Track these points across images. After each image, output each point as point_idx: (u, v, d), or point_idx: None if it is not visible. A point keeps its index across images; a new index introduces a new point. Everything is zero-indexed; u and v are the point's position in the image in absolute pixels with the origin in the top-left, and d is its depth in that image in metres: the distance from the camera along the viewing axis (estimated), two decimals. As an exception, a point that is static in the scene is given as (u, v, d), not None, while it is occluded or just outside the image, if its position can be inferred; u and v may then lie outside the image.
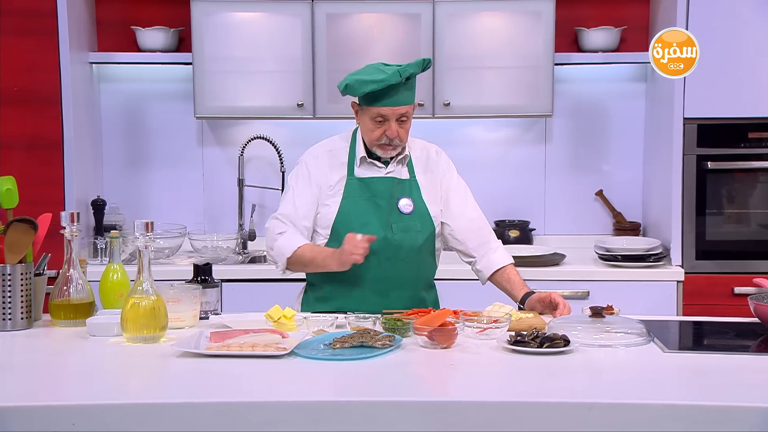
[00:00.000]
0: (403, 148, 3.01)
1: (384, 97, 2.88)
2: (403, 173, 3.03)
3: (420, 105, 4.16)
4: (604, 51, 4.33)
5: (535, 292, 2.91)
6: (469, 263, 3.09)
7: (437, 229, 3.04)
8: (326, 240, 2.99)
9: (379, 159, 3.00)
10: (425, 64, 2.94)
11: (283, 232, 2.96)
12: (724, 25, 3.91)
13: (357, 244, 2.79)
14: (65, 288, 2.70)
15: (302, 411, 1.99)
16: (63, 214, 2.67)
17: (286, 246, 2.93)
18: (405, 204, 2.99)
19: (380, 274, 2.95)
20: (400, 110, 2.90)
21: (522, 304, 2.92)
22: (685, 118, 3.97)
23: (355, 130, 3.06)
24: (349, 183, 2.99)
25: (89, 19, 4.35)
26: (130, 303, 2.47)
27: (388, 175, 3.00)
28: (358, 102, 2.98)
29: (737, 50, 3.91)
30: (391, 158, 3.00)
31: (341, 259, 2.82)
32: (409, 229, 2.98)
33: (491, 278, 3.04)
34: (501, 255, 3.06)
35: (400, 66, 2.90)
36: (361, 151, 3.00)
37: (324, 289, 3.03)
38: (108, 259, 2.82)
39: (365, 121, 2.95)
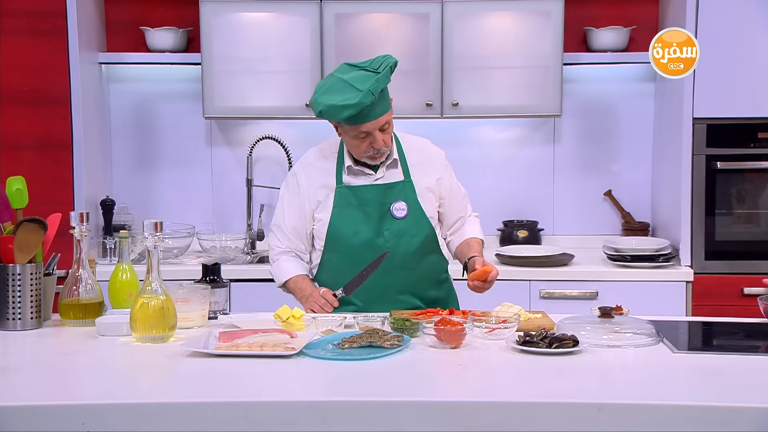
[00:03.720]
0: (390, 152, 2.99)
1: (362, 117, 2.83)
2: (395, 175, 3.00)
3: (429, 105, 4.16)
4: (613, 51, 4.32)
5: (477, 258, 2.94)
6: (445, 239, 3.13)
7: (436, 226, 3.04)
8: (322, 251, 3.01)
9: (367, 165, 2.98)
10: (393, 69, 2.89)
11: (277, 257, 3.08)
12: (733, 25, 3.90)
13: (318, 300, 2.88)
14: (75, 288, 2.70)
15: (311, 411, 1.99)
16: (72, 214, 2.67)
17: (277, 275, 3.09)
18: (398, 208, 2.97)
19: (379, 282, 2.93)
20: (380, 122, 2.87)
21: (466, 266, 2.98)
22: (694, 118, 3.96)
23: None
24: (338, 192, 2.97)
25: (98, 20, 4.36)
26: (139, 303, 2.48)
27: (377, 182, 2.97)
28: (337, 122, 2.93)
29: (746, 50, 3.90)
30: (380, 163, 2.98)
31: (312, 306, 2.91)
32: (403, 233, 2.96)
33: (458, 248, 3.08)
34: (472, 227, 3.10)
35: (372, 80, 2.81)
36: (347, 161, 2.98)
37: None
38: (117, 258, 2.82)
39: (348, 139, 2.92)
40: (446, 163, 3.10)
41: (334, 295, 2.91)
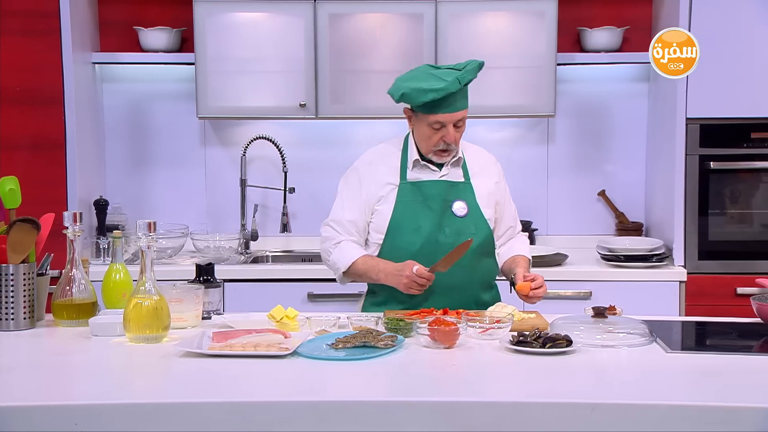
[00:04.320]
0: (457, 152, 3.02)
1: (443, 105, 2.87)
2: (457, 176, 3.02)
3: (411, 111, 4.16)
4: (606, 51, 4.33)
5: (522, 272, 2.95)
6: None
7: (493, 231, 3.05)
8: (380, 245, 2.99)
9: (432, 162, 3.00)
10: (481, 68, 2.96)
11: (338, 243, 3.01)
12: (727, 25, 3.91)
13: (416, 278, 2.81)
14: (68, 288, 2.70)
15: (305, 411, 1.99)
16: (65, 214, 2.67)
17: (340, 260, 2.99)
18: (459, 207, 2.99)
19: (435, 278, 2.91)
20: (458, 116, 2.91)
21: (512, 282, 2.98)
22: (687, 119, 3.96)
23: (407, 135, 3.06)
24: (401, 187, 2.99)
25: (92, 20, 4.35)
26: (133, 303, 2.48)
27: (442, 178, 3.00)
28: (411, 109, 2.96)
29: (739, 50, 3.91)
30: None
31: (399, 283, 2.85)
32: (462, 232, 2.97)
33: (505, 263, 3.09)
34: (520, 245, 3.12)
35: (458, 72, 2.89)
36: (414, 155, 3.00)
37: (381, 295, 3.02)
38: (110, 259, 2.82)
39: (421, 128, 2.95)
40: (502, 172, 3.14)
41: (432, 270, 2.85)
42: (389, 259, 2.95)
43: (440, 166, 3.01)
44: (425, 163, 3.01)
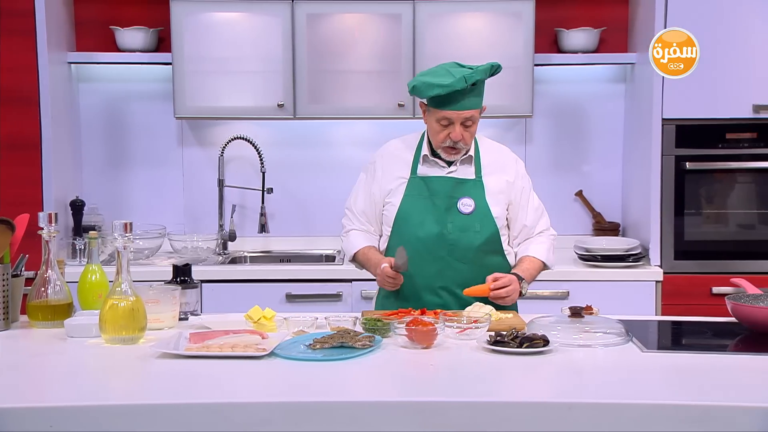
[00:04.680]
0: (468, 150, 3.03)
1: (450, 102, 2.91)
2: (467, 173, 3.04)
3: (401, 105, 4.17)
4: (583, 52, 4.35)
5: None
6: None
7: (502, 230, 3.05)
8: (389, 236, 3.07)
9: (442, 158, 3.04)
10: (494, 70, 2.98)
11: (348, 231, 3.16)
12: (702, 27, 3.92)
13: (383, 275, 2.92)
14: (43, 289, 2.68)
15: (282, 412, 1.99)
16: (41, 214, 2.65)
17: (346, 249, 3.17)
18: (465, 203, 3.01)
19: (438, 273, 2.97)
20: (465, 114, 2.93)
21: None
22: (663, 119, 3.99)
23: (425, 131, 3.09)
24: (411, 181, 3.04)
25: (68, 19, 4.32)
26: (109, 304, 2.46)
27: (449, 175, 3.03)
28: (426, 103, 3.00)
29: (715, 51, 3.94)
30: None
31: (378, 283, 3.03)
32: (467, 228, 2.99)
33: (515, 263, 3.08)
34: (536, 246, 3.09)
35: (469, 71, 2.92)
36: (425, 150, 3.05)
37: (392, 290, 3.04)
38: (87, 260, 2.80)
39: (431, 123, 2.99)
40: (523, 173, 3.13)
41: (395, 269, 2.92)
42: (402, 246, 2.98)
43: (450, 162, 3.04)
44: (435, 159, 3.04)
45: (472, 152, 3.05)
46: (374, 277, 3.05)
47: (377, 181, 3.09)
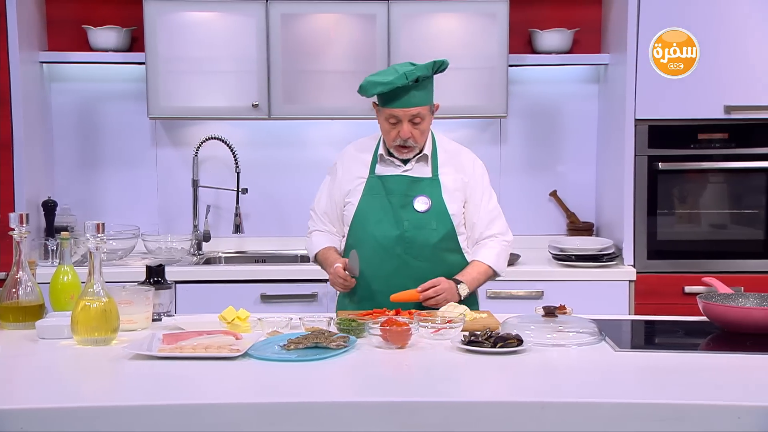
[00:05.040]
0: (422, 148, 3.04)
1: (395, 99, 2.93)
2: (424, 171, 3.06)
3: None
4: (557, 53, 4.37)
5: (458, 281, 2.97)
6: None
7: (459, 227, 3.06)
8: (347, 235, 3.10)
9: (397, 156, 3.06)
10: (437, 66, 2.98)
11: (312, 232, 3.22)
12: (674, 28, 3.96)
13: (335, 277, 2.96)
14: (14, 290, 2.66)
15: (256, 412, 1.98)
16: (12, 215, 2.62)
17: (309, 250, 3.22)
18: (421, 201, 3.02)
19: (396, 271, 2.99)
20: (412, 111, 2.94)
21: None
22: (636, 120, 4.01)
23: None
24: (369, 181, 3.06)
25: (39, 18, 4.28)
26: (81, 305, 2.44)
27: (405, 173, 3.05)
28: (376, 102, 3.02)
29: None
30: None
31: (330, 284, 3.06)
32: (423, 226, 3.01)
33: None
34: (485, 251, 3.08)
35: (411, 68, 2.93)
36: (381, 149, 3.07)
37: (352, 288, 3.04)
38: (59, 260, 2.78)
39: (381, 122, 3.02)
40: (480, 173, 3.14)
41: (347, 271, 2.95)
42: (355, 248, 3.03)
43: (407, 161, 3.04)
44: (391, 158, 3.06)
45: (429, 151, 3.07)
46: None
47: (338, 181, 3.12)
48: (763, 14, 3.94)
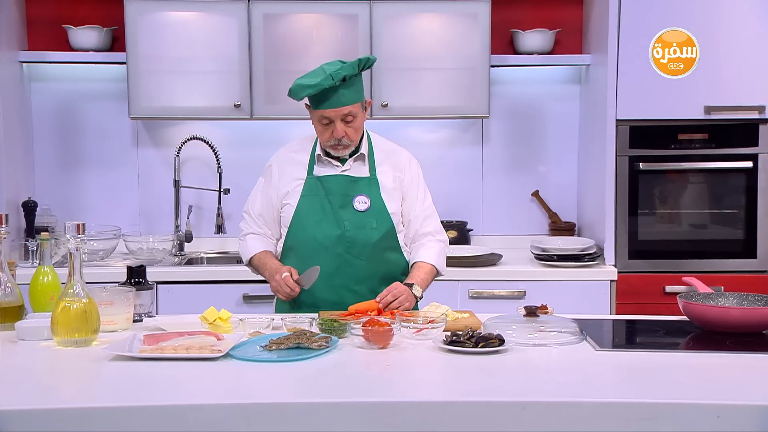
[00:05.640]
0: (358, 147, 3.03)
1: (324, 100, 2.92)
2: (362, 171, 3.06)
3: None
4: (539, 53, 4.39)
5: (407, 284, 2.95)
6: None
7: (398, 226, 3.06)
8: (285, 237, 3.07)
9: (335, 157, 3.05)
10: (363, 64, 2.97)
11: (245, 235, 3.16)
12: (655, 30, 3.98)
13: (281, 282, 2.91)
14: (-6, 291, 2.64)
15: (237, 413, 1.97)
16: (-9, 215, 2.61)
17: (243, 253, 3.16)
18: (360, 201, 3.03)
19: (336, 271, 2.98)
20: (343, 111, 2.93)
21: None
22: (617, 120, 4.03)
23: None
24: (307, 182, 3.05)
25: (19, 18, 4.26)
26: (61, 306, 2.43)
27: (343, 173, 3.04)
28: (309, 104, 3.01)
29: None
30: (349, 156, 3.04)
31: (271, 285, 3.00)
32: (364, 225, 3.00)
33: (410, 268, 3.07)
34: (425, 251, 3.07)
35: (337, 68, 2.91)
36: (318, 150, 3.06)
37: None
38: (39, 261, 2.76)
39: (315, 123, 3.02)
40: (416, 170, 3.13)
41: (297, 282, 2.92)
42: (293, 252, 3.04)
43: (344, 161, 3.05)
44: (328, 158, 3.05)
45: (365, 150, 3.07)
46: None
47: (273, 184, 3.10)
48: (744, 17, 3.96)
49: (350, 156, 3.05)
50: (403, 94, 4.21)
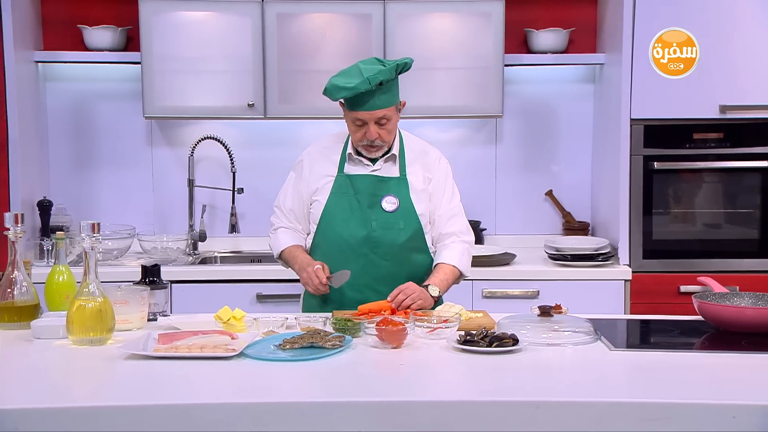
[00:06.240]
0: (390, 147, 3.04)
1: (359, 103, 2.92)
2: (392, 171, 3.06)
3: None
4: (553, 52, 4.37)
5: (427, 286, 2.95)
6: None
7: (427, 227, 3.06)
8: (314, 233, 3.09)
9: (366, 156, 3.05)
10: (400, 68, 2.97)
11: (276, 229, 3.19)
12: (670, 27, 3.96)
13: (312, 274, 2.91)
14: (9, 290, 2.65)
15: (251, 413, 1.98)
16: (7, 215, 2.62)
17: (273, 247, 3.19)
18: (389, 201, 3.03)
19: (362, 271, 2.98)
20: (377, 114, 2.94)
21: None
22: (631, 119, 4.02)
23: None
24: (337, 180, 3.06)
25: (35, 18, 4.28)
26: (76, 305, 2.44)
27: (373, 173, 3.04)
28: (341, 103, 3.01)
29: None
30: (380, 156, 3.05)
31: (301, 277, 3.01)
32: (391, 226, 3.01)
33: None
34: (448, 252, 3.06)
35: (376, 71, 2.90)
36: (349, 148, 3.07)
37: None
38: (54, 260, 2.78)
39: (348, 123, 3.02)
40: (443, 169, 3.13)
41: (328, 278, 2.94)
42: (320, 249, 3.05)
43: (374, 160, 3.04)
44: (359, 157, 3.06)
45: (396, 151, 3.07)
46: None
47: (304, 179, 3.12)
48: (759, 15, 3.94)
49: (381, 156, 3.05)
50: (417, 94, 4.20)
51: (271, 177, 4.49)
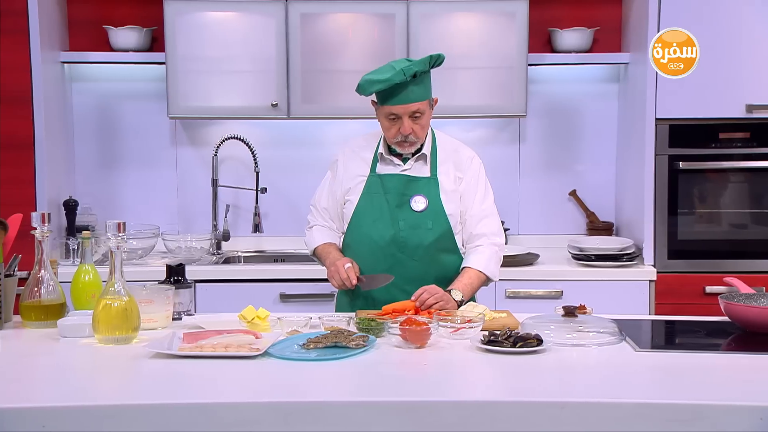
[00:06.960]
0: (422, 145, 3.04)
1: (393, 96, 2.93)
2: (423, 171, 3.07)
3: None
4: (577, 52, 4.36)
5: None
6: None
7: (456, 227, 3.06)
8: (345, 232, 3.13)
9: (398, 155, 3.06)
10: (433, 61, 2.98)
11: (311, 227, 3.23)
12: (696, 27, 3.92)
13: (339, 268, 2.93)
14: (36, 289, 2.67)
15: (275, 412, 1.98)
16: (34, 214, 2.64)
17: (308, 243, 3.24)
18: (417, 201, 3.03)
19: (390, 270, 2.99)
20: (411, 107, 2.94)
21: None
22: (656, 119, 3.99)
23: None
24: (369, 179, 3.08)
25: (61, 19, 4.31)
26: (102, 304, 2.46)
27: (403, 173, 3.05)
28: (375, 100, 3.02)
29: (708, 51, 3.94)
30: (411, 155, 3.05)
31: (329, 271, 3.03)
32: (419, 226, 3.01)
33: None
34: (475, 256, 3.05)
35: (407, 64, 2.93)
36: (381, 148, 3.08)
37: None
38: (80, 260, 2.80)
39: (381, 119, 3.02)
40: (475, 169, 3.12)
41: (358, 278, 2.96)
42: (350, 249, 3.07)
43: (406, 160, 3.04)
44: (390, 157, 3.06)
45: (428, 150, 3.06)
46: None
47: (338, 179, 3.14)
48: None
49: (412, 155, 3.05)
50: (440, 93, 4.14)
51: (295, 177, 4.52)
